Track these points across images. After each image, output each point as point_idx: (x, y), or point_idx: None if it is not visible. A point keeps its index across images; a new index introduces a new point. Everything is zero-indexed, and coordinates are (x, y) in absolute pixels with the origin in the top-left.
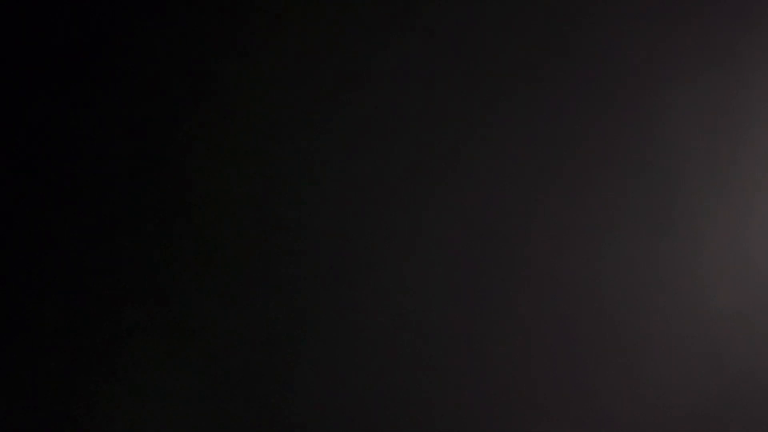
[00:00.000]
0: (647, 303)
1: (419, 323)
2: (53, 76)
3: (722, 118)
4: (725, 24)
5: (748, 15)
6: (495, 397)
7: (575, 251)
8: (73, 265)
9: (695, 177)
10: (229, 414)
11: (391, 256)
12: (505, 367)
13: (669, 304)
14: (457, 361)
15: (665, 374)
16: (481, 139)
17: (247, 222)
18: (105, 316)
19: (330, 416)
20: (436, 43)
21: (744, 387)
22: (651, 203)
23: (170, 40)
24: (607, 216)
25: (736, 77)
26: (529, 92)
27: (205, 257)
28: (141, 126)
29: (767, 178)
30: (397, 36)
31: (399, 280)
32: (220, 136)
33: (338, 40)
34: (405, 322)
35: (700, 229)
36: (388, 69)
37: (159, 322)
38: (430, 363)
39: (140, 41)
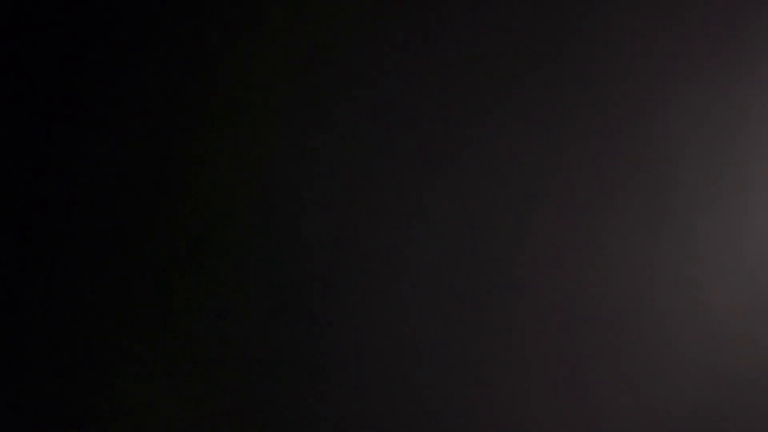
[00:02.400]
0: (643, 305)
1: (418, 327)
2: (52, 76)
3: (719, 120)
4: (723, 23)
5: (746, 13)
6: (491, 398)
7: (571, 253)
8: (74, 278)
9: (692, 179)
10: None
11: (391, 258)
12: (501, 368)
13: (664, 306)
14: (455, 362)
15: (661, 377)
16: (476, 140)
17: (248, 227)
18: (103, 332)
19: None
20: (436, 43)
21: (741, 390)
22: (647, 205)
23: (177, 39)
24: (603, 217)
25: (733, 77)
26: (524, 92)
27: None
28: (148, 147)
29: (764, 180)
30: (399, 36)
31: (398, 281)
32: (227, 142)
33: (340, 38)
34: (405, 324)
35: (697, 231)
36: (387, 71)
37: (158, 333)
38: (429, 366)
39: (145, 40)
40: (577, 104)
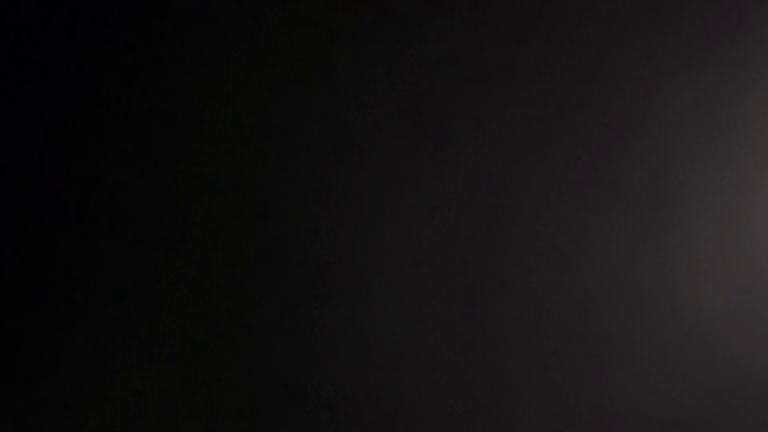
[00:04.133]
0: (645, 300)
1: (422, 327)
2: (56, 79)
3: (721, 119)
4: (724, 25)
5: (747, 17)
6: (492, 394)
7: (573, 250)
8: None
9: (694, 176)
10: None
11: (397, 261)
12: (503, 365)
13: (666, 300)
14: (459, 358)
15: (662, 370)
16: (482, 144)
17: (250, 228)
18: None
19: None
20: (439, 47)
21: (740, 383)
22: (649, 202)
23: (183, 42)
24: (605, 214)
25: (734, 78)
26: (528, 95)
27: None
28: (151, 153)
29: (764, 177)
30: (402, 40)
31: (406, 285)
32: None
33: (345, 39)
34: (409, 326)
35: (699, 227)
36: (390, 72)
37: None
38: (434, 367)
39: (150, 42)
40: (581, 107)
